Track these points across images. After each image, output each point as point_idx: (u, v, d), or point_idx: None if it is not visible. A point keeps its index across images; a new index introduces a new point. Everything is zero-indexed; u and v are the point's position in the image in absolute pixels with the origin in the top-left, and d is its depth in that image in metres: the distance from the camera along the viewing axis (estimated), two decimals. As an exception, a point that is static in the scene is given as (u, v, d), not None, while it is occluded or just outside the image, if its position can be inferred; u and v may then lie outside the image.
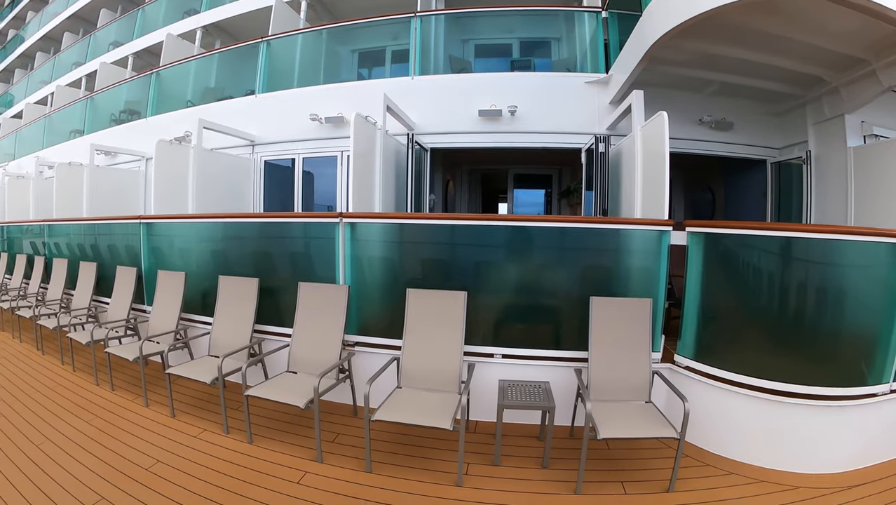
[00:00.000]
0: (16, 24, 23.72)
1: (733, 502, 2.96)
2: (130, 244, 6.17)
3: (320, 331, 4.09)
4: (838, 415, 3.26)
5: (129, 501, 2.91)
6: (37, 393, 4.84)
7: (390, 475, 3.24)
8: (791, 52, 5.38)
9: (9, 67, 23.13)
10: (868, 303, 3.32)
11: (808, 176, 6.71)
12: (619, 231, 4.09)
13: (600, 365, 3.54)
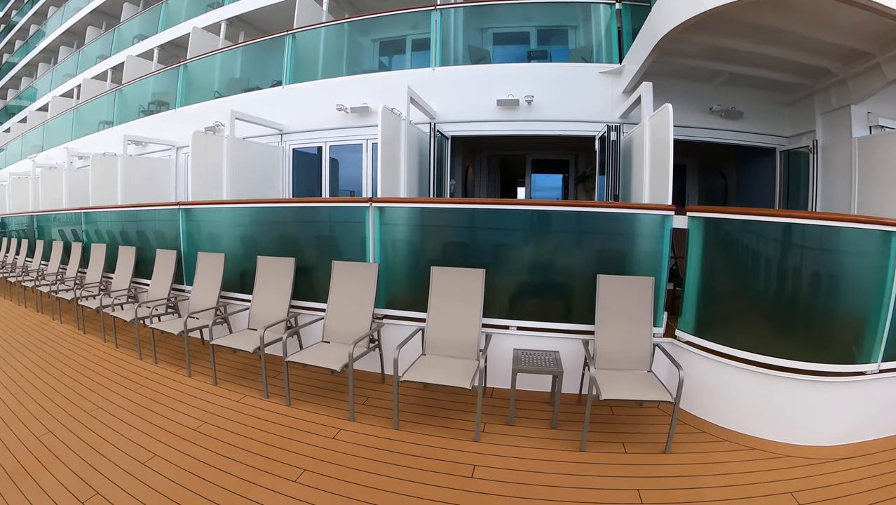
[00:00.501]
0: (37, 19, 24.12)
1: (725, 466, 3.24)
2: (169, 229, 6.57)
3: (352, 305, 4.48)
4: (829, 391, 3.49)
5: (179, 457, 3.27)
6: (83, 368, 5.20)
7: (415, 432, 3.63)
8: (799, 45, 5.55)
9: (32, 62, 23.63)
10: (858, 286, 3.54)
11: (815, 165, 6.92)
12: (626, 215, 4.41)
13: (606, 337, 3.89)
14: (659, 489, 2.95)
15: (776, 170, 7.73)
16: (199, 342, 5.84)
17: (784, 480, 3.04)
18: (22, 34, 26.07)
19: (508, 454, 3.33)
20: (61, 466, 3.16)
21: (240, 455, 3.30)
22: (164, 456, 3.28)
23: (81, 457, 3.28)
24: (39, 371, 5.09)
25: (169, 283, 6.16)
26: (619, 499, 2.85)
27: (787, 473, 3.13)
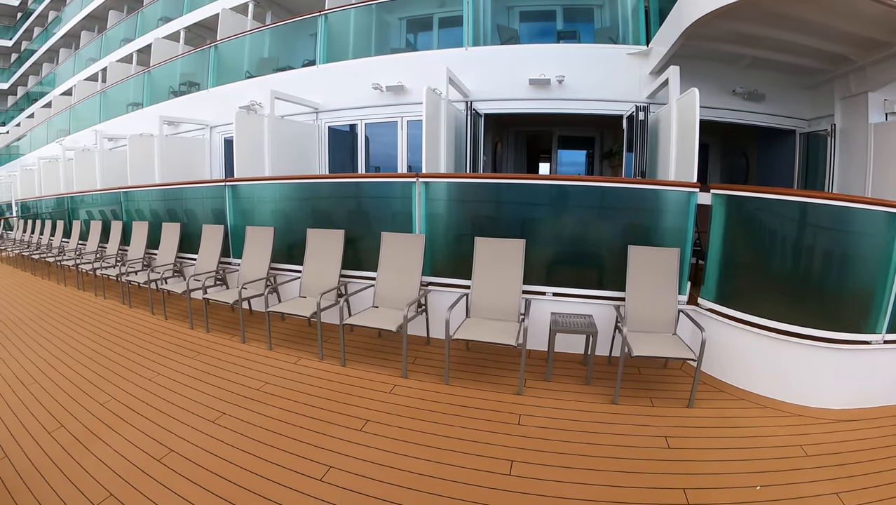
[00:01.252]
0: (55, 5, 24.49)
1: (740, 420, 3.59)
2: (214, 205, 6.96)
3: (401, 272, 4.87)
4: (836, 357, 3.77)
5: (248, 414, 3.62)
6: (136, 339, 5.51)
7: (464, 387, 4.03)
8: (821, 32, 5.75)
9: (53, 48, 23.99)
10: (865, 263, 3.82)
11: (833, 148, 7.17)
12: (654, 191, 4.73)
13: (635, 303, 4.25)
14: (683, 437, 3.30)
15: (795, 151, 7.97)
16: (246, 312, 6.18)
17: (794, 434, 3.37)
18: (40, 21, 26.46)
19: (549, 406, 3.71)
20: (131, 428, 3.41)
21: (305, 410, 3.66)
22: (233, 414, 3.60)
23: (149, 419, 3.55)
24: (92, 343, 5.39)
25: (217, 256, 6.51)
26: (649, 444, 3.20)
27: (796, 429, 3.46)
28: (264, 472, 2.85)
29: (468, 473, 2.83)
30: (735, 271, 4.42)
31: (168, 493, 2.65)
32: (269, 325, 5.07)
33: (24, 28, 28.36)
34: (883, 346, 3.75)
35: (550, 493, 2.65)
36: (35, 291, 8.53)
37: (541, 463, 2.95)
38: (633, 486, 2.74)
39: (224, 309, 6.44)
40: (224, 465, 2.92)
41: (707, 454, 3.10)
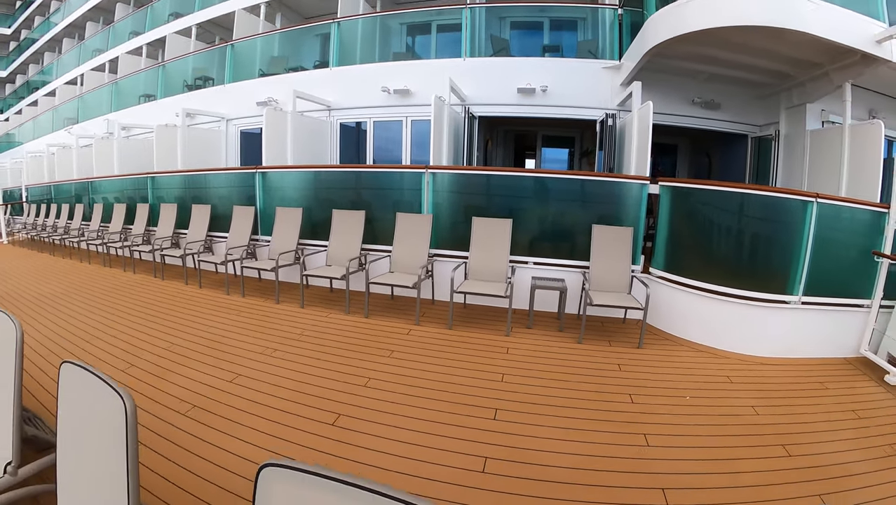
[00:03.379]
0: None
1: (680, 358, 4.73)
2: (245, 189, 7.98)
3: (413, 244, 6.01)
4: (762, 314, 4.86)
5: (294, 350, 4.58)
6: (179, 303, 6.35)
7: (464, 331, 5.21)
8: (767, 55, 6.90)
9: (56, 37, 24.16)
10: (784, 238, 4.94)
11: (777, 150, 8.41)
12: (614, 182, 6.02)
13: (597, 269, 5.45)
14: (632, 365, 4.44)
15: (748, 152, 9.22)
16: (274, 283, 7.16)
17: (723, 369, 4.48)
18: (41, 10, 26.55)
19: (530, 343, 4.89)
20: (198, 363, 4.23)
21: (342, 346, 4.75)
22: (283, 350, 4.57)
23: (211, 356, 4.39)
24: (139, 307, 6.13)
25: (248, 233, 7.50)
26: (605, 368, 4.35)
27: (725, 366, 4.56)
28: (318, 383, 3.91)
29: (470, 381, 3.97)
30: (678, 245, 5.61)
31: (239, 399, 3.59)
32: (302, 285, 6.25)
33: (23, 17, 28.57)
34: (800, 306, 4.81)
35: (532, 394, 3.79)
36: (62, 269, 9.17)
37: (524, 377, 4.09)
38: (592, 391, 3.87)
39: (252, 280, 7.50)
40: (283, 381, 3.93)
41: (650, 377, 4.22)
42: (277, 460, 1.07)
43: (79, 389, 1.66)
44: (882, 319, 4.78)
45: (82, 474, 1.73)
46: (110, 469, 1.49)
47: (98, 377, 1.53)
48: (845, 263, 4.97)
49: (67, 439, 1.76)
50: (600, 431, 3.24)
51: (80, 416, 1.70)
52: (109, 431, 1.48)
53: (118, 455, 1.44)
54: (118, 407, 1.42)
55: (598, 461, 2.88)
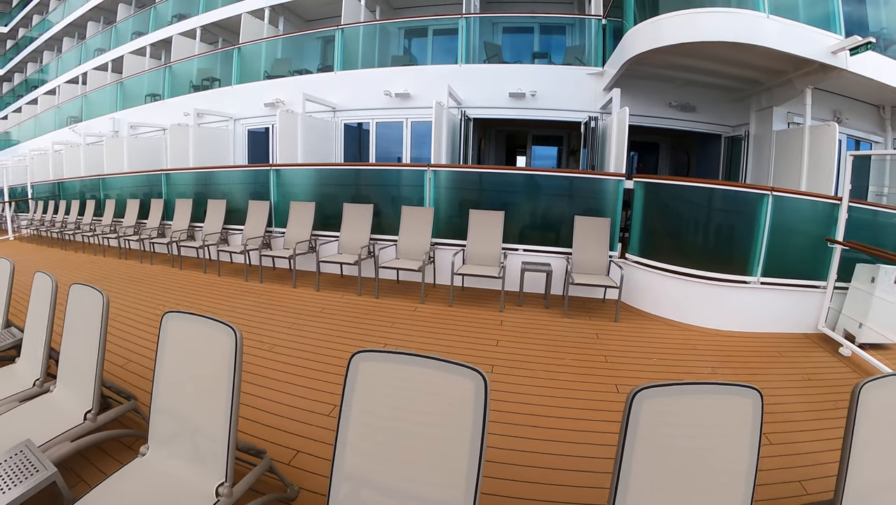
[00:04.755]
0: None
1: (651, 330, 5.48)
2: (259, 185, 8.67)
3: (417, 234, 6.75)
4: (725, 292, 5.59)
5: (316, 323, 5.27)
6: (200, 289, 6.94)
7: (464, 307, 5.96)
8: (734, 62, 7.66)
9: (56, 36, 24.46)
10: (744, 226, 5.67)
11: (747, 149, 9.21)
12: (596, 179, 6.77)
13: (579, 255, 6.23)
14: (608, 335, 5.19)
15: (721, 151, 10.02)
16: (288, 271, 7.80)
17: (688, 339, 5.21)
18: (39, 8, 26.80)
19: (521, 317, 5.65)
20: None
21: (358, 319, 5.50)
22: (305, 324, 5.23)
23: (245, 329, 4.81)
24: (161, 293, 6.68)
25: (263, 225, 8.17)
26: (585, 337, 5.09)
27: (691, 337, 5.28)
28: (341, 348, 4.66)
29: (470, 346, 4.74)
30: (650, 233, 6.38)
31: (279, 363, 4.19)
32: (318, 271, 6.99)
33: (21, 15, 28.74)
34: (759, 286, 5.50)
35: (522, 355, 4.53)
36: (79, 261, 9.64)
37: (515, 343, 4.84)
38: (573, 354, 4.62)
39: (266, 269, 8.13)
40: (310, 346, 4.64)
41: (623, 344, 4.96)
42: (362, 349, 1.84)
43: (182, 332, 2.28)
44: (838, 299, 5.46)
45: (183, 404, 2.28)
46: (215, 392, 2.10)
47: (207, 318, 2.19)
48: (802, 249, 5.67)
49: (165, 377, 2.31)
50: (579, 381, 3.99)
51: (184, 354, 2.28)
52: (215, 361, 2.10)
53: (224, 379, 2.07)
54: (228, 337, 2.08)
55: (577, 402, 3.62)
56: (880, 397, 1.91)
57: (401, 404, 1.84)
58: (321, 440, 3.00)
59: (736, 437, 1.74)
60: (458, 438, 1.75)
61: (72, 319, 2.94)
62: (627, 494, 1.69)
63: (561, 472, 2.77)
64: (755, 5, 6.47)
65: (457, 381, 1.75)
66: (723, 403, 1.76)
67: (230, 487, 2.03)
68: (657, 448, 1.73)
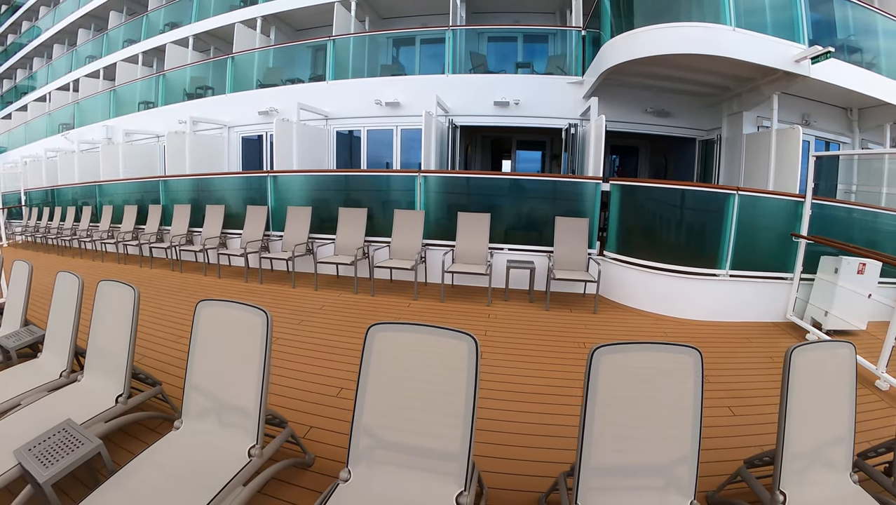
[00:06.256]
0: (47, 0, 24.99)
1: (627, 320, 5.96)
2: (256, 191, 9.03)
3: (409, 236, 7.18)
4: (696, 285, 6.10)
5: (319, 319, 5.66)
6: (203, 290, 7.27)
7: (454, 302, 6.42)
8: (705, 71, 8.17)
9: (46, 42, 24.43)
10: (713, 223, 6.15)
11: (720, 151, 9.73)
12: (575, 182, 7.31)
13: (560, 253, 6.70)
14: (588, 324, 5.66)
15: (696, 154, 10.55)
16: (286, 273, 8.16)
17: (662, 327, 5.70)
18: (29, 15, 26.74)
19: (507, 310, 6.12)
20: None
21: (357, 313, 5.93)
22: (310, 321, 5.59)
23: None
24: (165, 294, 6.95)
25: (262, 229, 8.54)
26: (567, 325, 5.57)
27: (664, 325, 5.78)
28: (344, 338, 5.10)
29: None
30: (626, 232, 6.87)
31: (283, 354, 4.55)
32: (316, 271, 7.42)
33: (10, 21, 28.45)
34: (728, 278, 6.02)
35: (507, 343, 4.99)
36: (79, 266, 9.77)
37: (502, 333, 5.29)
38: (554, 341, 5.08)
39: (265, 271, 8.47)
40: (314, 338, 5.09)
41: (600, 332, 5.44)
42: (378, 322, 2.29)
43: (216, 317, 2.68)
44: (805, 290, 5.96)
45: (216, 380, 2.62)
46: (247, 367, 2.49)
47: (239, 303, 2.62)
48: (770, 243, 6.16)
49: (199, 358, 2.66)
50: (558, 363, 4.46)
51: (217, 336, 2.66)
52: (248, 340, 2.50)
53: (257, 355, 2.47)
54: (260, 318, 2.50)
55: (556, 381, 4.07)
56: (806, 359, 2.32)
57: (408, 366, 2.30)
58: (332, 417, 3.43)
59: (681, 389, 2.16)
60: (456, 392, 2.19)
61: (101, 313, 3.30)
62: (592, 439, 2.11)
63: (542, 437, 3.25)
64: (722, 19, 6.96)
65: (453, 343, 2.22)
66: (669, 359, 2.17)
67: (261, 449, 2.43)
68: (615, 398, 2.14)
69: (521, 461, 2.97)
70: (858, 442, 2.88)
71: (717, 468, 2.86)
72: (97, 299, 3.33)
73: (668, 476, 2.14)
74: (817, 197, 5.97)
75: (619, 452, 2.14)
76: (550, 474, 2.45)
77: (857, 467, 2.59)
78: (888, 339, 4.33)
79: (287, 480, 2.71)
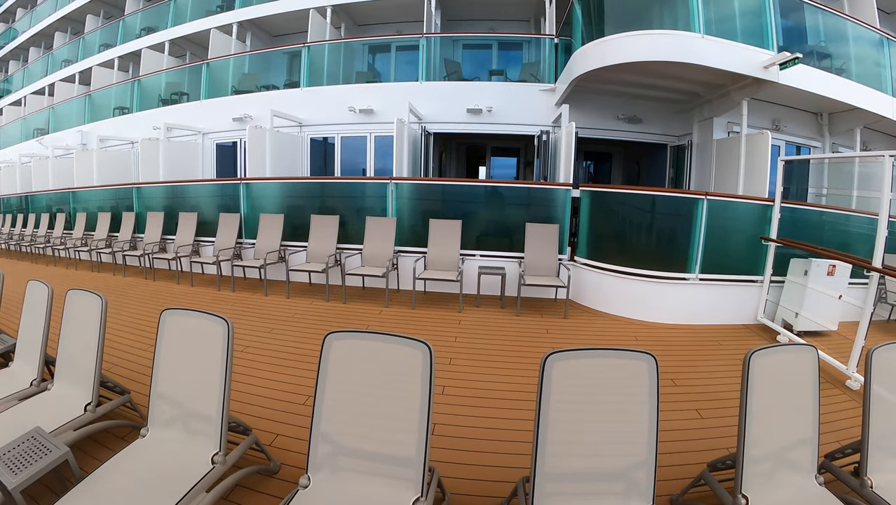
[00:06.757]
0: (24, 2, 24.72)
1: (598, 324, 6.02)
2: (229, 198, 8.95)
3: (380, 243, 7.18)
4: (666, 289, 6.19)
5: (290, 328, 5.63)
6: (176, 298, 7.14)
7: (425, 309, 6.42)
8: (676, 77, 8.27)
9: (22, 45, 24.08)
10: (683, 228, 6.28)
11: (691, 156, 9.87)
12: (546, 189, 7.35)
13: (530, 258, 6.76)
14: (558, 330, 5.71)
15: (667, 160, 10.68)
16: (258, 281, 8.16)
17: (632, 331, 5.77)
18: (5, 17, 26.41)
19: (478, 316, 6.14)
20: None
21: (327, 325, 5.85)
22: (280, 328, 5.55)
23: None
24: (136, 303, 6.88)
25: (234, 237, 8.46)
26: (537, 331, 5.61)
27: (634, 329, 5.85)
28: (313, 347, 4.99)
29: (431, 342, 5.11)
30: (598, 238, 6.95)
31: (251, 362, 4.52)
32: (288, 279, 7.35)
33: None
34: (697, 282, 6.15)
35: (478, 348, 5.02)
36: (53, 274, 9.60)
37: (472, 339, 5.31)
38: (524, 346, 5.11)
39: (237, 279, 8.42)
40: (284, 347, 5.05)
41: (570, 337, 5.50)
42: (335, 329, 2.33)
43: (179, 326, 2.70)
44: (775, 292, 6.10)
45: (181, 388, 2.64)
46: (210, 375, 2.51)
47: (201, 312, 2.64)
48: (740, 246, 6.29)
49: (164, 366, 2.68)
50: (525, 368, 4.48)
51: (181, 345, 2.69)
52: (210, 348, 2.53)
53: (218, 363, 2.49)
54: (221, 327, 2.53)
55: (522, 386, 4.08)
56: (766, 363, 2.35)
57: (365, 373, 2.34)
58: (298, 424, 3.42)
59: (636, 394, 2.19)
60: (411, 399, 2.22)
61: (70, 322, 3.31)
62: (546, 445, 2.13)
63: (506, 442, 3.28)
64: (692, 27, 7.08)
65: (408, 351, 2.26)
66: (623, 365, 2.22)
67: (224, 456, 2.45)
68: (568, 405, 2.17)
69: (485, 467, 3.00)
70: (828, 442, 3.00)
71: (684, 471, 2.91)
72: (66, 308, 3.34)
73: (627, 481, 2.16)
74: (787, 200, 6.11)
75: (575, 457, 2.17)
76: (513, 480, 2.48)
77: (823, 469, 2.65)
78: (858, 339, 4.43)
79: (252, 487, 2.75)
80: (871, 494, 2.41)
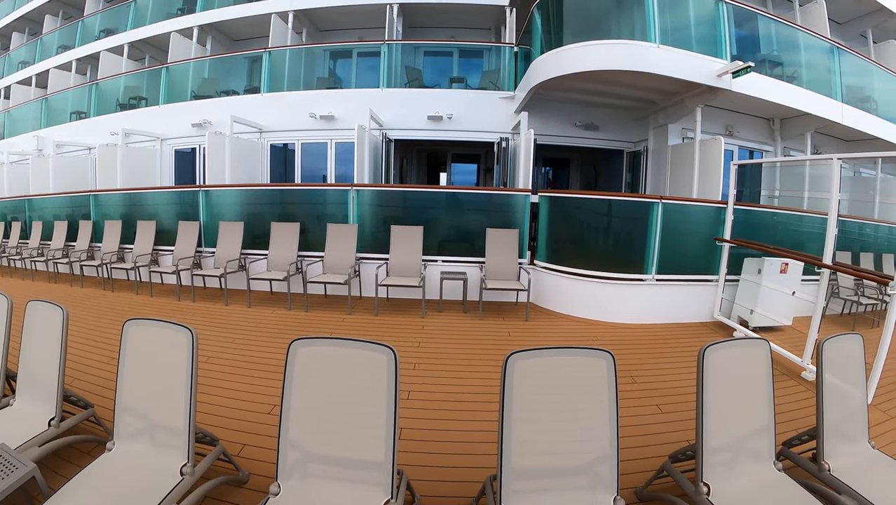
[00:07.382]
0: None
1: (558, 325, 6.19)
2: (188, 206, 8.84)
3: (342, 250, 7.19)
4: (624, 290, 6.40)
5: (253, 338, 5.50)
6: (134, 310, 6.98)
7: (388, 315, 6.47)
8: (630, 85, 8.47)
9: None
10: (639, 231, 6.46)
11: (646, 162, 10.16)
12: (506, 195, 7.52)
13: (491, 263, 6.88)
14: (519, 332, 5.83)
15: (624, 165, 10.99)
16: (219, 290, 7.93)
17: (591, 332, 5.94)
18: None
19: (441, 322, 6.23)
20: None
21: (290, 334, 5.72)
22: (243, 338, 5.44)
23: None
24: (93, 316, 6.64)
25: (194, 245, 8.31)
26: (499, 334, 5.73)
27: (594, 330, 6.03)
28: (275, 357, 5.03)
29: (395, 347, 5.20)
30: (556, 242, 7.12)
31: (215, 373, 4.51)
32: (248, 288, 7.30)
33: None
34: (654, 283, 6.37)
35: (442, 353, 5.10)
36: (8, 285, 9.27)
37: (436, 343, 5.39)
38: (486, 349, 5.23)
39: (198, 288, 8.26)
40: (247, 357, 5.01)
41: (532, 338, 5.64)
42: (300, 337, 2.38)
43: (142, 337, 2.68)
44: (730, 291, 6.39)
45: (146, 400, 2.63)
46: (175, 386, 2.51)
47: (165, 322, 2.63)
48: (695, 247, 6.55)
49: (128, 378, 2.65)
50: (488, 369, 4.59)
51: (145, 356, 2.67)
52: (175, 358, 2.52)
53: (184, 373, 2.50)
54: (185, 337, 2.53)
55: (486, 387, 4.18)
56: (720, 357, 2.49)
57: (331, 379, 2.39)
58: (265, 434, 3.43)
59: (596, 391, 2.29)
60: (377, 403, 2.29)
61: (30, 335, 3.25)
62: (511, 443, 2.21)
63: (472, 443, 3.37)
64: (648, 37, 7.31)
65: (373, 356, 2.33)
66: (582, 363, 2.32)
67: (192, 467, 2.46)
68: (530, 403, 2.26)
69: (453, 468, 3.09)
70: (787, 431, 3.14)
71: (647, 464, 3.04)
72: (26, 320, 3.28)
73: (591, 475, 2.25)
74: (740, 203, 6.39)
75: (540, 454, 2.25)
76: (481, 479, 2.56)
77: (782, 456, 2.82)
78: (811, 332, 4.72)
79: (222, 497, 2.75)
80: (829, 477, 2.58)
